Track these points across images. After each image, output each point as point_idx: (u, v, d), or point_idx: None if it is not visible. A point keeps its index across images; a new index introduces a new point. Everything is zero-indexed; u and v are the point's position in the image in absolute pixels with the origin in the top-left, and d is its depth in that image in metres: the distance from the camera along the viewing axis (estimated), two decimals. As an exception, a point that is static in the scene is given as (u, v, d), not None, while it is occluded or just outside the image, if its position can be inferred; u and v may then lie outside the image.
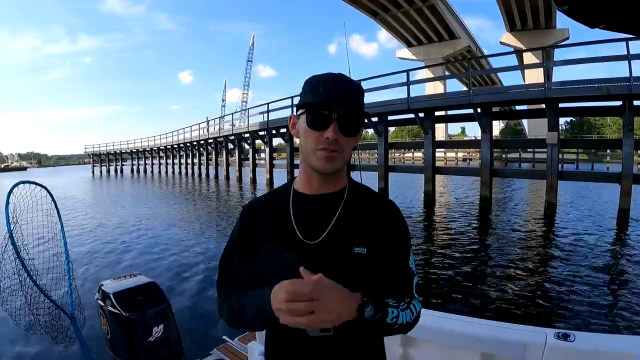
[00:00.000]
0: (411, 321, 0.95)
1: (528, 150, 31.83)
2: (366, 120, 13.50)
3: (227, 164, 26.70)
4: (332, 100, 0.91)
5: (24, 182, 2.32)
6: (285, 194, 1.05)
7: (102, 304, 2.58)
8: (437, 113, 13.55)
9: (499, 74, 52.60)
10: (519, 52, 31.06)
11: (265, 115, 20.07)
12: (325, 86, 0.92)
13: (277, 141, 21.73)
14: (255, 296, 0.92)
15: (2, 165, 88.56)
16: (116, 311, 2.47)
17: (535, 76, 24.38)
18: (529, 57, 28.83)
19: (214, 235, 10.19)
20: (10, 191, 2.20)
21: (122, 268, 7.09)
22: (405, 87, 12.89)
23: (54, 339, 2.36)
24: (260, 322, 0.97)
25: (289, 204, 1.02)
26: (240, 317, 0.98)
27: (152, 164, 39.62)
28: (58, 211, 2.56)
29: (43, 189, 2.46)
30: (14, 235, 2.12)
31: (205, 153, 30.10)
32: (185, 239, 9.61)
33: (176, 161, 35.06)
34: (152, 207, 15.78)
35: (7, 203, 2.15)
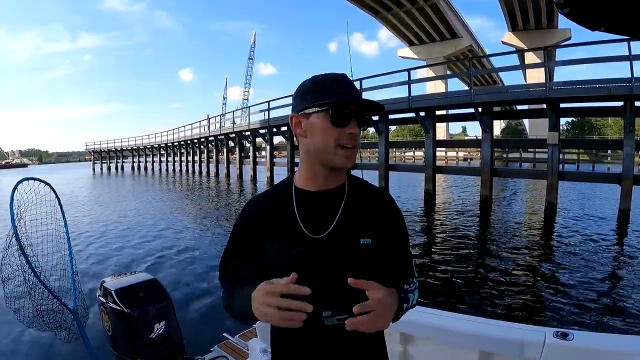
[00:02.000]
0: (417, 297, 1.08)
1: (529, 150, 31.81)
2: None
3: (228, 162, 26.69)
4: (354, 98, 0.97)
5: (28, 179, 2.34)
6: (287, 191, 1.07)
7: (104, 300, 2.60)
8: (438, 112, 13.53)
9: (501, 74, 52.53)
10: (520, 52, 31.03)
11: (266, 113, 20.06)
12: (339, 85, 0.98)
13: (277, 139, 21.73)
14: (241, 291, 0.98)
15: (3, 162, 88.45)
16: (118, 308, 2.49)
17: (536, 76, 24.30)
18: (530, 57, 28.78)
19: (215, 232, 10.20)
20: (15, 188, 2.21)
21: (123, 265, 7.11)
22: (406, 86, 12.89)
23: (57, 335, 2.37)
24: (244, 316, 0.97)
25: (292, 201, 1.04)
26: (229, 309, 1.07)
27: (153, 161, 39.60)
28: (61, 208, 2.57)
29: (47, 185, 2.47)
30: (18, 231, 2.13)
31: (206, 151, 30.09)
32: (186, 236, 9.63)
33: (177, 159, 35.06)
34: (153, 204, 15.80)
35: (12, 200, 2.16)
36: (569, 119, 57.62)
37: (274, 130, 20.49)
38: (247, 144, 24.31)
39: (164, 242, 8.93)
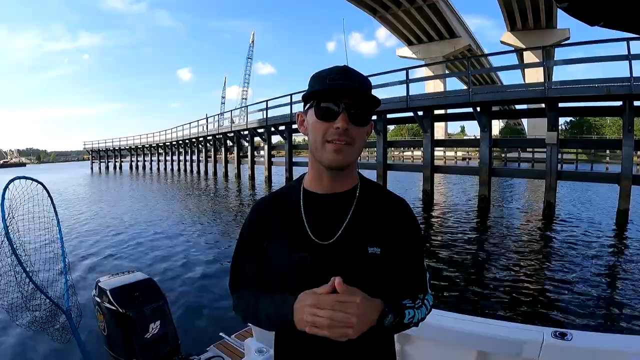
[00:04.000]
0: (425, 316, 0.98)
1: (527, 149, 31.75)
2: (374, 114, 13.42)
3: (226, 161, 26.67)
4: (340, 88, 0.90)
5: (20, 178, 2.31)
6: (296, 193, 1.03)
7: (99, 300, 2.57)
8: (436, 112, 13.52)
9: (499, 74, 52.61)
10: (519, 52, 31.06)
11: (264, 112, 20.06)
12: (333, 78, 0.91)
13: (275, 139, 21.72)
14: (275, 302, 0.93)
15: (1, 161, 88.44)
16: (113, 307, 2.47)
17: (535, 76, 24.29)
18: (529, 57, 28.80)
19: (212, 231, 10.18)
20: (6, 187, 2.19)
21: (119, 264, 7.08)
22: (404, 86, 12.90)
23: (49, 335, 2.35)
24: (278, 326, 0.97)
25: (300, 203, 1.00)
26: (255, 318, 1.01)
27: (151, 160, 39.59)
28: (54, 207, 2.55)
29: (39, 184, 2.45)
30: (9, 231, 2.11)
31: (204, 150, 30.06)
32: (183, 235, 9.59)
33: (175, 158, 35.04)
34: (150, 203, 15.76)
35: (3, 199, 2.14)
36: (568, 119, 57.84)
37: (272, 129, 20.46)
38: (246, 144, 24.29)
39: (160, 241, 8.90)
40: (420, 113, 13.03)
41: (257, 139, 22.95)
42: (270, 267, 0.99)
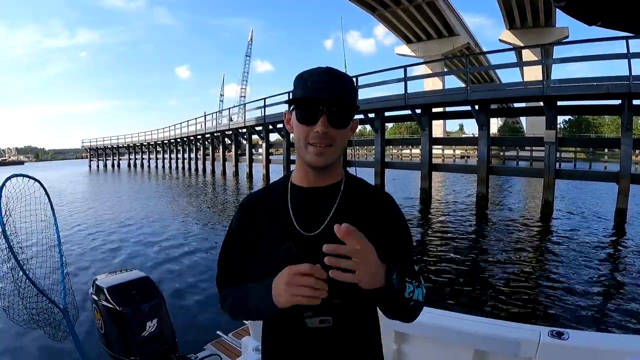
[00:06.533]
0: (422, 301, 0.98)
1: (526, 148, 31.79)
2: (361, 115, 13.55)
3: (224, 159, 26.63)
4: (319, 95, 0.91)
5: (17, 176, 2.30)
6: (283, 187, 1.05)
7: (96, 298, 2.56)
8: (434, 109, 13.50)
9: (498, 72, 52.46)
10: (518, 50, 31.00)
11: (262, 110, 20.03)
12: (313, 80, 0.93)
13: (274, 137, 21.69)
14: (257, 286, 0.95)
15: (0, 160, 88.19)
16: (110, 305, 2.46)
17: (534, 75, 24.31)
18: (528, 56, 28.81)
19: (209, 229, 10.19)
20: (3, 184, 2.18)
21: (116, 262, 7.08)
22: (403, 83, 12.90)
23: (46, 333, 2.34)
24: (261, 310, 0.96)
25: (287, 196, 1.03)
26: (241, 308, 1.02)
27: (149, 158, 39.58)
28: (51, 205, 2.54)
29: (36, 182, 2.44)
30: (6, 229, 2.10)
31: (202, 148, 30.02)
32: (180, 233, 9.60)
33: (173, 156, 34.97)
34: (147, 201, 15.75)
35: (0, 196, 2.13)
36: (566, 117, 57.86)
37: (270, 127, 20.43)
38: (244, 142, 24.24)
39: (157, 239, 8.91)
40: (418, 111, 13.00)
41: (255, 136, 22.90)
42: (258, 259, 1.00)
